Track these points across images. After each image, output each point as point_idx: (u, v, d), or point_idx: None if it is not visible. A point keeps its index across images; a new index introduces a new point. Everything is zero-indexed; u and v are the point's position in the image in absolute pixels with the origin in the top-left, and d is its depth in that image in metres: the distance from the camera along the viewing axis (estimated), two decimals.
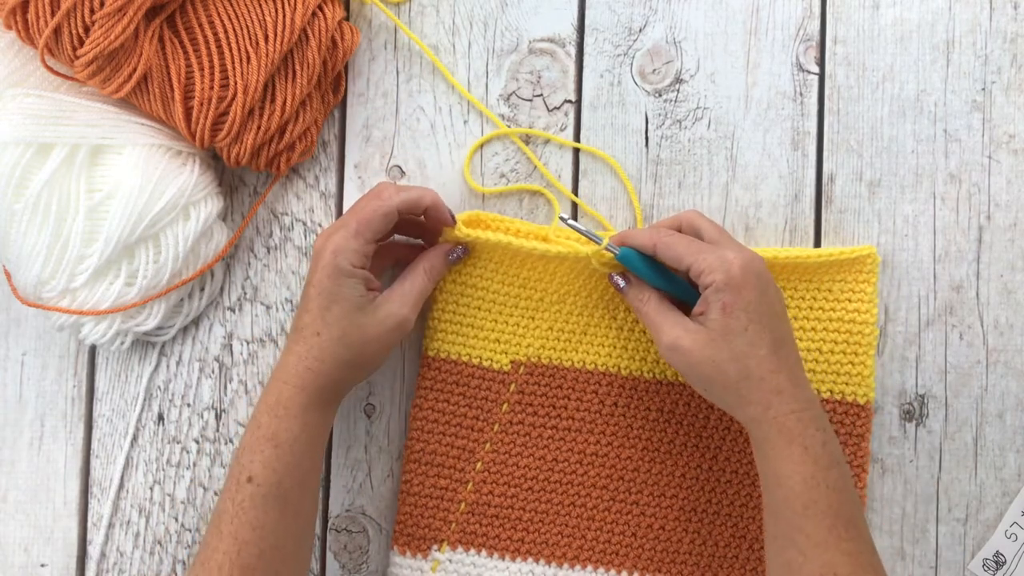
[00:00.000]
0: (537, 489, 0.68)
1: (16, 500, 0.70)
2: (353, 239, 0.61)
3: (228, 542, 0.58)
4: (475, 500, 0.67)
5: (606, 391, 0.68)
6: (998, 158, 0.69)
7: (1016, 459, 0.68)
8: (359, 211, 0.62)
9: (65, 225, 0.62)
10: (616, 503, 0.67)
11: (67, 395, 0.70)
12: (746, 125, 0.69)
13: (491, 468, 0.68)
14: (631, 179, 0.69)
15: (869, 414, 0.67)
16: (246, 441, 0.60)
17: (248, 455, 0.60)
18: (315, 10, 0.64)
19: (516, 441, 0.68)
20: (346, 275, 0.61)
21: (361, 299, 0.62)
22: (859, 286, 0.67)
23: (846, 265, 0.67)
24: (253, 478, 0.59)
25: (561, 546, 0.67)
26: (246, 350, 0.70)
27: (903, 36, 0.69)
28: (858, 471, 0.66)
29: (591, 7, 0.70)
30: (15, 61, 0.64)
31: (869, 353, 0.67)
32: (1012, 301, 0.68)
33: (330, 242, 0.61)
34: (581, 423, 0.68)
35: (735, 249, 0.60)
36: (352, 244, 0.61)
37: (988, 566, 0.68)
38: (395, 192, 0.63)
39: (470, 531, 0.67)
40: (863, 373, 0.67)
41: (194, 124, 0.63)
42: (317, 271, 0.61)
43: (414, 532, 0.67)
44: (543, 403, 0.68)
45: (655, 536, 0.67)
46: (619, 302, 0.68)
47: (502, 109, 0.70)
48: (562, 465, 0.68)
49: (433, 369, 0.68)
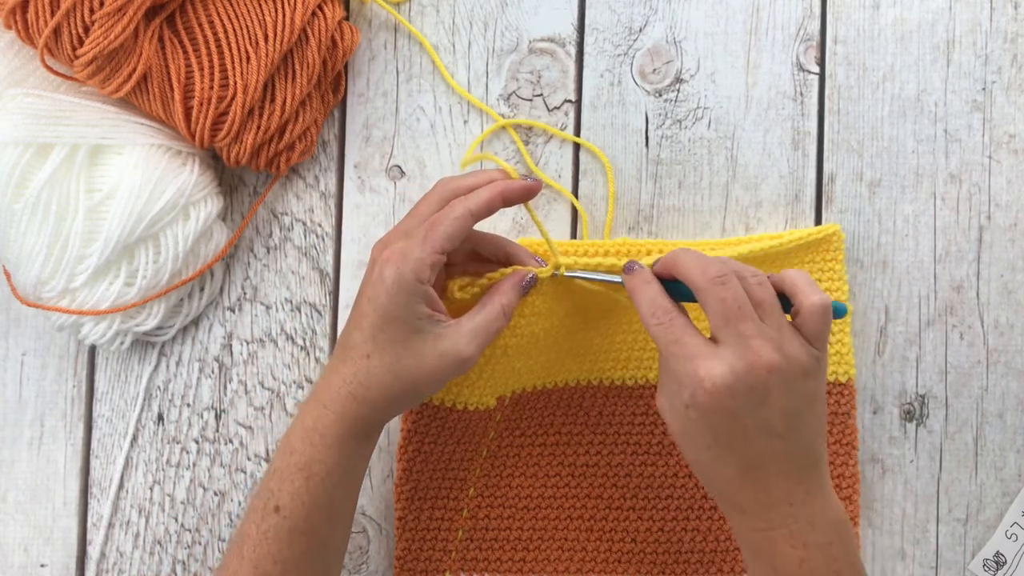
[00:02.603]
0: (532, 507, 0.67)
1: (16, 500, 0.70)
2: (419, 247, 0.53)
3: (248, 570, 0.55)
4: (472, 526, 0.67)
5: (591, 403, 0.67)
6: (998, 158, 0.69)
7: (1016, 459, 0.68)
8: (426, 215, 0.55)
9: (65, 225, 0.62)
10: (613, 511, 0.67)
11: (67, 395, 0.70)
12: (746, 125, 0.69)
13: (484, 492, 0.67)
14: (631, 179, 0.69)
15: (852, 392, 0.67)
16: (277, 464, 0.56)
17: (277, 481, 0.55)
18: (315, 10, 0.64)
19: (506, 463, 0.67)
20: (408, 290, 0.53)
21: (421, 321, 0.54)
22: (827, 264, 0.67)
23: (813, 246, 0.67)
24: (280, 508, 0.55)
25: (563, 560, 0.67)
26: (246, 350, 0.70)
27: (903, 36, 0.69)
28: (848, 449, 0.66)
29: (591, 7, 0.70)
30: (15, 61, 0.64)
31: (845, 331, 0.66)
32: (1012, 301, 0.68)
33: (391, 250, 0.54)
34: (569, 436, 0.67)
35: (726, 359, 0.51)
36: (417, 252, 0.53)
37: (988, 566, 0.68)
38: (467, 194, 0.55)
39: (471, 556, 0.67)
40: (841, 351, 0.66)
41: (194, 124, 0.63)
42: (372, 282, 0.54)
43: (415, 566, 0.66)
44: (529, 424, 0.67)
45: (655, 539, 0.67)
46: (595, 312, 0.65)
47: (502, 109, 0.70)
48: (554, 480, 0.67)
49: (415, 413, 0.66)
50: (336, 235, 0.70)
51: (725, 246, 0.66)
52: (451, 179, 0.59)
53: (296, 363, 0.69)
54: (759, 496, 0.53)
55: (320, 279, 0.70)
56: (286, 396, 0.69)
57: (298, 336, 0.69)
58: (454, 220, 0.55)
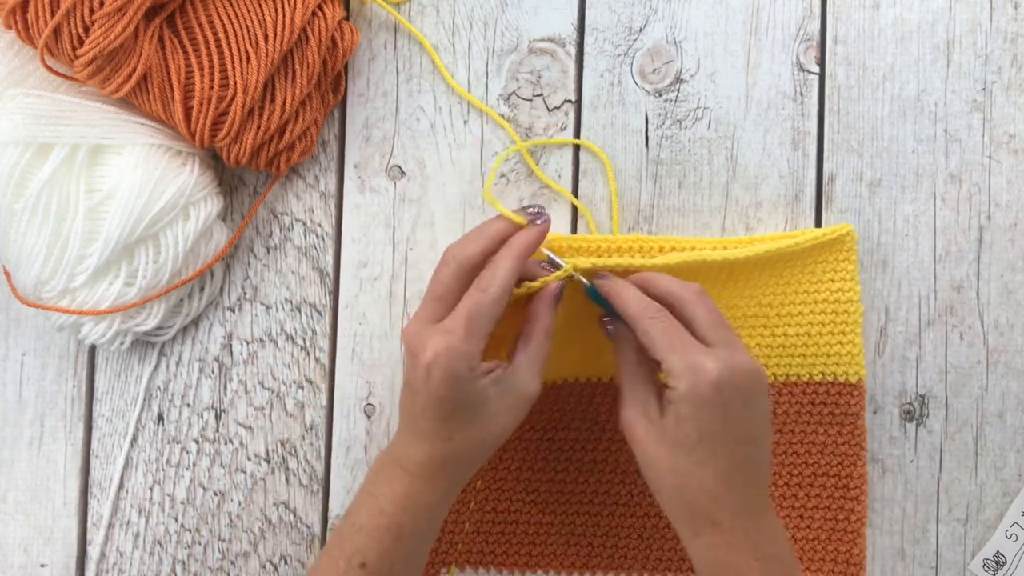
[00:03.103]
0: (539, 502, 0.67)
1: (16, 500, 0.70)
2: (464, 342, 0.54)
3: None
4: (479, 519, 0.67)
5: (600, 399, 0.67)
6: (998, 158, 0.69)
7: (1016, 459, 0.68)
8: (446, 295, 0.56)
9: (65, 225, 0.62)
10: (619, 507, 0.67)
11: (67, 395, 0.70)
12: (746, 125, 0.69)
13: (491, 487, 0.67)
14: (631, 179, 0.69)
15: (862, 392, 0.67)
16: (363, 521, 0.57)
17: (365, 539, 0.56)
18: (315, 10, 0.64)
19: (514, 458, 0.67)
20: (465, 379, 0.54)
21: (485, 392, 0.55)
22: (840, 265, 0.67)
23: (826, 246, 0.67)
24: (367, 565, 0.56)
25: (569, 555, 0.67)
26: (246, 350, 0.70)
27: (903, 36, 0.69)
28: (857, 450, 0.66)
29: (591, 7, 0.70)
30: (15, 61, 0.64)
31: (856, 331, 0.66)
32: (1012, 301, 0.68)
33: (434, 350, 0.54)
34: (576, 432, 0.68)
35: (721, 356, 0.54)
36: (463, 347, 0.54)
37: (988, 566, 0.68)
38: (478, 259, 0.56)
39: (476, 550, 0.67)
40: (852, 352, 0.66)
41: (194, 124, 0.63)
42: (425, 380, 0.54)
43: None
44: (538, 419, 0.67)
45: (661, 535, 0.67)
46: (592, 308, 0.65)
47: (502, 109, 0.70)
48: (561, 475, 0.68)
49: None
50: (336, 235, 0.70)
51: (738, 244, 0.66)
52: (458, 248, 0.58)
53: (296, 363, 0.69)
54: (734, 504, 0.54)
55: (320, 279, 0.70)
56: (286, 396, 0.69)
57: (298, 336, 0.69)
58: (492, 305, 0.55)
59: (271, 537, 0.69)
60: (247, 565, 0.69)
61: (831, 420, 0.67)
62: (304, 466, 0.69)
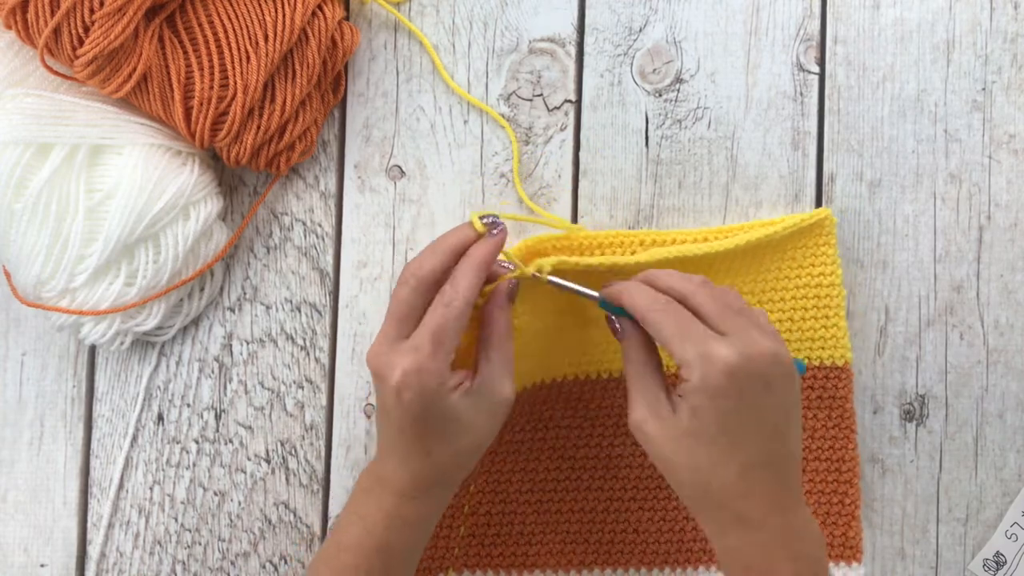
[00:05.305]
0: (534, 502, 0.67)
1: (16, 500, 0.70)
2: (430, 359, 0.53)
3: None
4: (474, 522, 0.67)
5: (590, 396, 0.67)
6: (998, 158, 0.69)
7: (1016, 459, 0.68)
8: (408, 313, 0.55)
9: (65, 225, 0.62)
10: (615, 502, 0.67)
11: (67, 395, 0.70)
12: (746, 125, 0.69)
13: (485, 488, 0.67)
14: (631, 179, 0.69)
15: (849, 375, 0.67)
16: (350, 541, 0.57)
17: (354, 557, 0.56)
18: (315, 10, 0.64)
19: (507, 459, 0.67)
20: (436, 395, 0.54)
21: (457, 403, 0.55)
22: (820, 249, 0.67)
23: (805, 232, 0.66)
24: None
25: (566, 554, 0.67)
26: (246, 350, 0.70)
27: (903, 36, 0.69)
28: (847, 432, 0.66)
29: (591, 7, 0.70)
30: (15, 61, 0.64)
31: (840, 315, 0.66)
32: (1012, 301, 0.68)
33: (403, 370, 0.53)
34: (569, 430, 0.68)
35: (734, 342, 0.52)
36: (431, 364, 0.53)
37: (988, 566, 0.68)
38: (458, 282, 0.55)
39: (473, 552, 0.67)
40: (837, 335, 0.66)
41: (194, 124, 0.63)
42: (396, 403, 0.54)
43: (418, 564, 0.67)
44: (529, 420, 0.67)
45: (657, 529, 0.67)
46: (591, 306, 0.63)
47: (502, 109, 0.70)
48: (555, 474, 0.68)
49: None
50: (336, 235, 0.70)
51: (718, 234, 0.66)
52: (416, 265, 0.56)
53: (296, 363, 0.69)
54: (762, 500, 0.52)
55: (320, 279, 0.70)
56: (286, 396, 0.69)
57: (298, 336, 0.70)
58: (457, 319, 0.54)
59: (271, 537, 0.69)
60: (247, 565, 0.69)
61: (819, 404, 0.67)
62: (304, 466, 0.69)
